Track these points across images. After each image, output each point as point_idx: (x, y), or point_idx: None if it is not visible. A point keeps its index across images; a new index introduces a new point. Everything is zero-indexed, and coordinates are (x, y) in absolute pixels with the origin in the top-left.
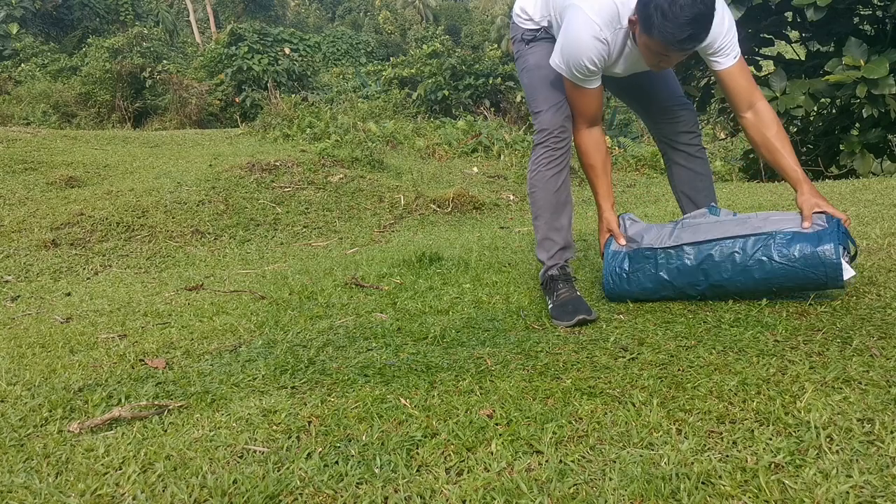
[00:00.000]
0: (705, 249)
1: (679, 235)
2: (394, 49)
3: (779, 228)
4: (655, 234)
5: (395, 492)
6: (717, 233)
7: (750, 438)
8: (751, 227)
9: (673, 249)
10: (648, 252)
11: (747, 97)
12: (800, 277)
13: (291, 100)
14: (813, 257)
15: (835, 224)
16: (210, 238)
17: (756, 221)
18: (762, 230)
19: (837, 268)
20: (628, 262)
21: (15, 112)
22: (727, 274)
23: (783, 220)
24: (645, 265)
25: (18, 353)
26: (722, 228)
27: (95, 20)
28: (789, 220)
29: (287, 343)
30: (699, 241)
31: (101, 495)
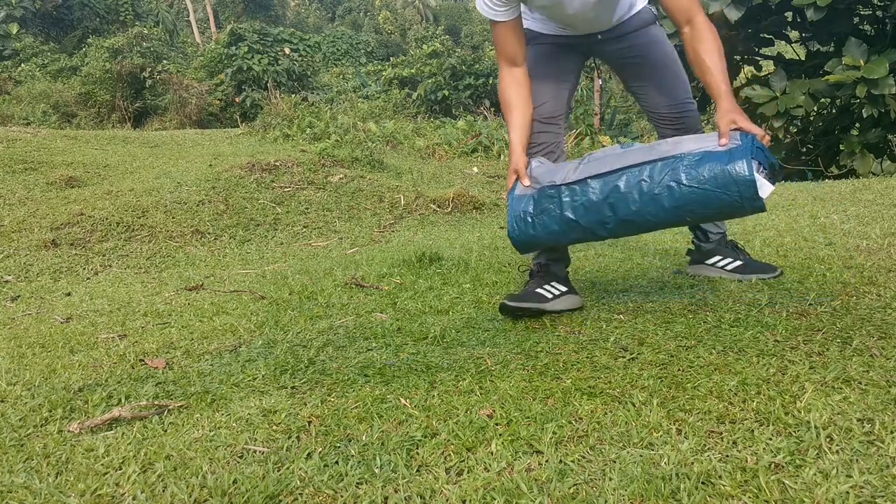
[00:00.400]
0: (611, 181)
1: (584, 170)
2: (394, 49)
3: (689, 151)
4: (561, 173)
5: (395, 492)
6: (624, 162)
7: (750, 438)
8: (659, 153)
9: (577, 185)
10: (552, 191)
11: (685, 12)
12: (713, 200)
13: (291, 100)
14: (724, 175)
15: (749, 140)
16: (210, 238)
17: (666, 146)
18: (670, 153)
19: (751, 184)
20: (532, 204)
21: (15, 112)
22: (635, 205)
23: (697, 141)
24: (549, 206)
25: (18, 353)
26: (629, 158)
27: (95, 20)
28: (705, 140)
29: (287, 343)
30: (604, 171)
31: (101, 495)
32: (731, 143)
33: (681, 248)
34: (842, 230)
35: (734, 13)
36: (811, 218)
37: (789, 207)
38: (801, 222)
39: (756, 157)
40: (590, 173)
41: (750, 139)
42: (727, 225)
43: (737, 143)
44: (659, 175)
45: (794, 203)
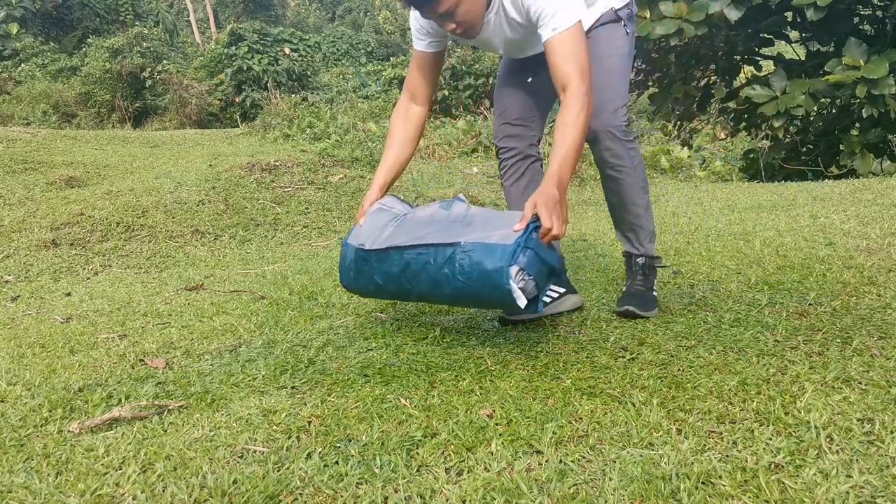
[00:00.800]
0: (406, 257)
1: (391, 236)
2: (394, 49)
3: (469, 238)
4: (376, 230)
5: (395, 492)
6: (423, 234)
7: (750, 438)
8: (448, 234)
9: (381, 253)
10: (363, 254)
11: (560, 78)
12: (481, 295)
13: (291, 100)
14: (486, 277)
15: (523, 238)
16: (210, 238)
17: (459, 228)
18: (453, 239)
19: (508, 294)
20: (353, 259)
21: (15, 112)
22: (425, 285)
23: (500, 220)
24: (363, 267)
25: (18, 353)
26: (428, 230)
27: (95, 20)
28: (505, 221)
29: (287, 343)
30: (401, 245)
31: (101, 495)
32: (517, 234)
33: (681, 247)
34: (842, 230)
35: (734, 13)
36: (811, 218)
37: (789, 207)
38: (801, 222)
39: (516, 261)
40: (392, 243)
41: (525, 237)
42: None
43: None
44: (440, 261)
45: (794, 203)
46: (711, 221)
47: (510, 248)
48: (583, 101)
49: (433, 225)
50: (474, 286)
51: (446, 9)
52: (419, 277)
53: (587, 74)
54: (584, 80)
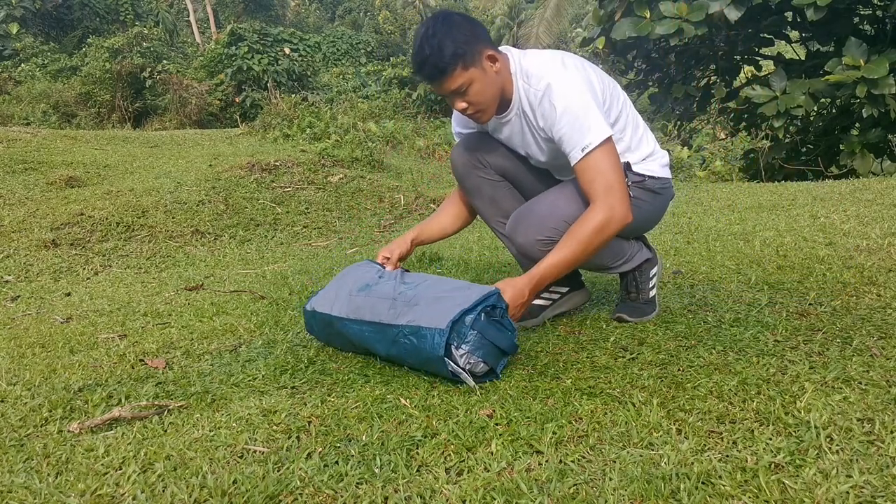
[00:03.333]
0: (364, 330)
1: (349, 305)
2: (394, 49)
3: (409, 320)
4: (344, 296)
5: (395, 492)
6: (374, 309)
7: (750, 438)
8: (393, 313)
9: (341, 321)
10: (325, 316)
11: (590, 195)
12: (438, 371)
13: (291, 100)
14: (429, 361)
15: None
16: (210, 238)
17: (402, 307)
18: (393, 321)
19: (453, 375)
20: (315, 316)
21: (15, 112)
22: (385, 352)
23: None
24: (328, 328)
25: (18, 353)
26: (380, 308)
27: (95, 20)
28: (448, 302)
29: (287, 343)
30: (353, 318)
31: (101, 495)
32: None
33: (681, 247)
34: (842, 230)
35: (734, 13)
36: (811, 218)
37: (789, 207)
38: (801, 222)
39: (467, 343)
40: (349, 313)
41: (472, 320)
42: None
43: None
44: (389, 337)
45: (794, 203)
46: (711, 221)
47: (444, 334)
48: (602, 220)
49: (382, 301)
50: (425, 365)
51: (458, 86)
52: (378, 346)
53: (619, 187)
54: (608, 196)
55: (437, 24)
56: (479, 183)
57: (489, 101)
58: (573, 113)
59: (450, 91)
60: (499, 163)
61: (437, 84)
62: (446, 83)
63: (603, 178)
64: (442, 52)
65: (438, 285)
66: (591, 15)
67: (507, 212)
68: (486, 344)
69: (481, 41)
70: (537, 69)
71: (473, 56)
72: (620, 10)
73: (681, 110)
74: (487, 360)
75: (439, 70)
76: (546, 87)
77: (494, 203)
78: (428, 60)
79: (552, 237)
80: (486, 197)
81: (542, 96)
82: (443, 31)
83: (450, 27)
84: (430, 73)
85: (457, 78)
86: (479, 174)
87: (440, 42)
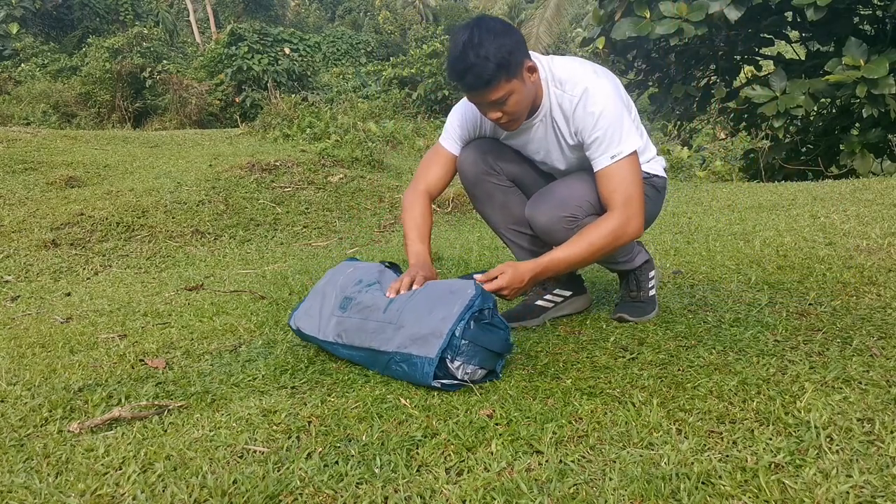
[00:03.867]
0: (354, 355)
1: (339, 325)
2: (394, 49)
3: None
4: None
5: (395, 492)
6: (359, 338)
7: (750, 438)
8: (382, 338)
9: (325, 344)
10: (306, 335)
11: (609, 203)
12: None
13: (291, 100)
14: (421, 382)
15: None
16: (210, 238)
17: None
18: (384, 347)
19: (427, 380)
20: (301, 334)
21: (15, 112)
22: (379, 371)
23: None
24: (309, 338)
25: (18, 353)
26: (368, 330)
27: (95, 20)
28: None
29: (287, 343)
30: (342, 343)
31: (101, 495)
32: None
33: (681, 247)
34: (842, 230)
35: (734, 13)
36: (811, 218)
37: (789, 207)
38: (801, 222)
39: (460, 355)
40: (337, 337)
41: (460, 331)
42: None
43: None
44: (382, 362)
45: (794, 203)
46: (711, 221)
47: (433, 363)
48: (616, 229)
49: (368, 323)
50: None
51: (499, 97)
52: (373, 366)
53: (638, 202)
54: (626, 208)
55: (482, 31)
56: (491, 190)
57: (524, 111)
58: (608, 119)
59: (490, 101)
60: (511, 168)
61: (477, 93)
62: (488, 94)
63: (625, 189)
64: (487, 62)
65: (420, 296)
66: (591, 15)
67: (518, 218)
68: (480, 351)
69: (522, 51)
70: (570, 75)
71: (516, 67)
72: (620, 10)
73: (681, 110)
74: (484, 366)
75: (483, 81)
76: (583, 93)
77: (506, 209)
78: (472, 70)
79: (577, 215)
80: (497, 204)
81: (579, 102)
82: (488, 40)
83: (495, 35)
84: (473, 82)
85: (499, 89)
86: (491, 181)
87: (486, 51)
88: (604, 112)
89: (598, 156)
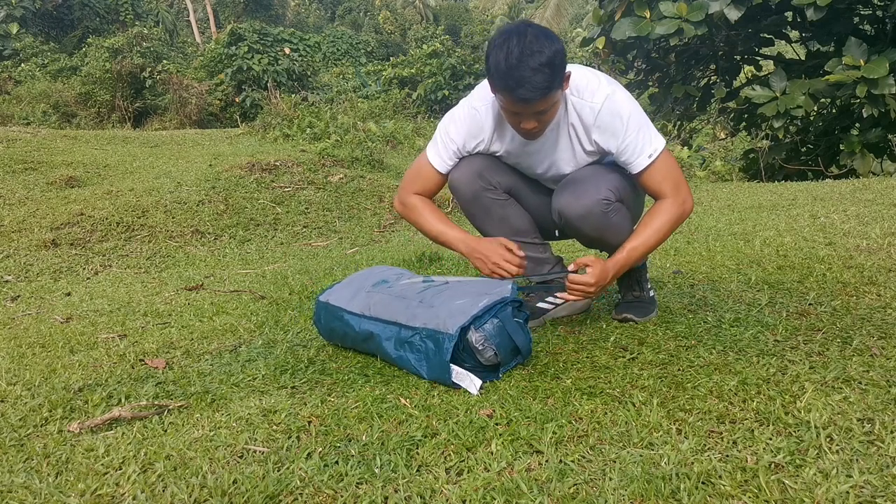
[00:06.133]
0: (375, 329)
1: (369, 299)
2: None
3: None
4: (362, 293)
5: (395, 492)
6: (387, 312)
7: (750, 438)
8: (409, 315)
9: (349, 315)
10: (333, 307)
11: (658, 196)
12: (441, 375)
13: (291, 100)
14: (441, 365)
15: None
16: (210, 238)
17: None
18: (411, 323)
19: (450, 381)
20: (325, 311)
21: (15, 112)
22: (392, 352)
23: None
24: (330, 315)
25: (18, 353)
26: (396, 307)
27: (95, 20)
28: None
29: (287, 343)
30: (367, 316)
31: (101, 495)
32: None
33: (681, 247)
34: (842, 230)
35: (734, 13)
36: (811, 218)
37: (789, 207)
38: (801, 222)
39: (486, 328)
40: (364, 309)
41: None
42: None
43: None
44: (403, 338)
45: (794, 203)
46: (711, 221)
47: (453, 339)
48: (677, 213)
49: (398, 301)
50: (431, 370)
51: (545, 108)
52: (383, 349)
53: (684, 184)
54: (678, 192)
55: (538, 37)
56: (488, 205)
57: (550, 125)
58: (637, 122)
59: (536, 111)
60: (505, 181)
61: (527, 104)
62: (540, 104)
63: (672, 176)
64: (546, 70)
65: (455, 288)
66: (591, 15)
67: (517, 229)
68: (505, 336)
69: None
70: (587, 83)
71: (564, 76)
72: (620, 10)
73: (681, 110)
74: (499, 352)
75: (542, 91)
76: (605, 100)
77: (505, 222)
78: (531, 80)
79: (610, 198)
80: (495, 217)
81: (602, 109)
82: (547, 47)
83: (551, 42)
84: (529, 94)
85: (550, 99)
86: (489, 196)
87: (546, 59)
88: (631, 116)
89: (636, 158)
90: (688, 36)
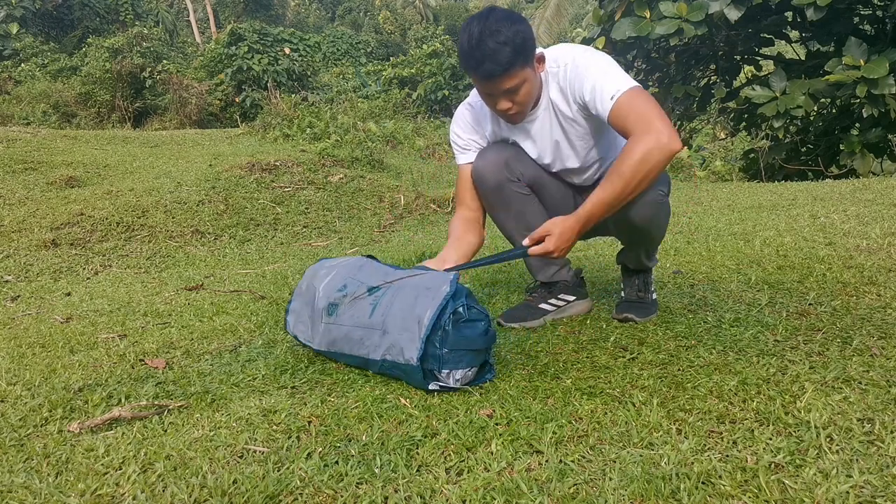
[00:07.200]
0: (348, 360)
1: (328, 334)
2: (394, 49)
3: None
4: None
5: (395, 492)
6: (348, 346)
7: (750, 438)
8: (371, 347)
9: (320, 352)
10: (302, 342)
11: (626, 135)
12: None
13: (291, 100)
14: (420, 384)
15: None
16: (210, 238)
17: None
18: (372, 355)
19: (422, 384)
20: (297, 339)
21: (15, 112)
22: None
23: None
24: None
25: (18, 353)
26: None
27: (95, 20)
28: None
29: (287, 343)
30: (333, 352)
31: (101, 495)
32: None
33: (681, 247)
34: (842, 230)
35: (734, 13)
36: (811, 218)
37: (789, 207)
38: (801, 222)
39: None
40: (328, 346)
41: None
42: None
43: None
44: (378, 368)
45: (794, 203)
46: (711, 221)
47: (418, 370)
48: (643, 149)
49: (354, 330)
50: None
51: (513, 85)
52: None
53: (658, 119)
54: (648, 127)
55: (499, 19)
56: (509, 196)
57: (530, 102)
58: (599, 67)
59: (502, 90)
60: (530, 174)
61: (492, 82)
62: (504, 81)
63: (637, 111)
64: (506, 47)
65: (400, 296)
66: (591, 15)
67: (530, 226)
68: (464, 354)
69: (533, 39)
70: (558, 53)
71: (530, 55)
72: (620, 10)
73: (681, 110)
74: (473, 365)
75: (502, 67)
76: (571, 59)
77: (521, 217)
78: (491, 56)
79: (664, 191)
80: (513, 210)
81: (569, 65)
82: (505, 26)
83: (511, 22)
84: (492, 69)
85: (515, 76)
86: (512, 188)
87: (504, 37)
88: (591, 63)
89: (601, 103)
90: (688, 36)
